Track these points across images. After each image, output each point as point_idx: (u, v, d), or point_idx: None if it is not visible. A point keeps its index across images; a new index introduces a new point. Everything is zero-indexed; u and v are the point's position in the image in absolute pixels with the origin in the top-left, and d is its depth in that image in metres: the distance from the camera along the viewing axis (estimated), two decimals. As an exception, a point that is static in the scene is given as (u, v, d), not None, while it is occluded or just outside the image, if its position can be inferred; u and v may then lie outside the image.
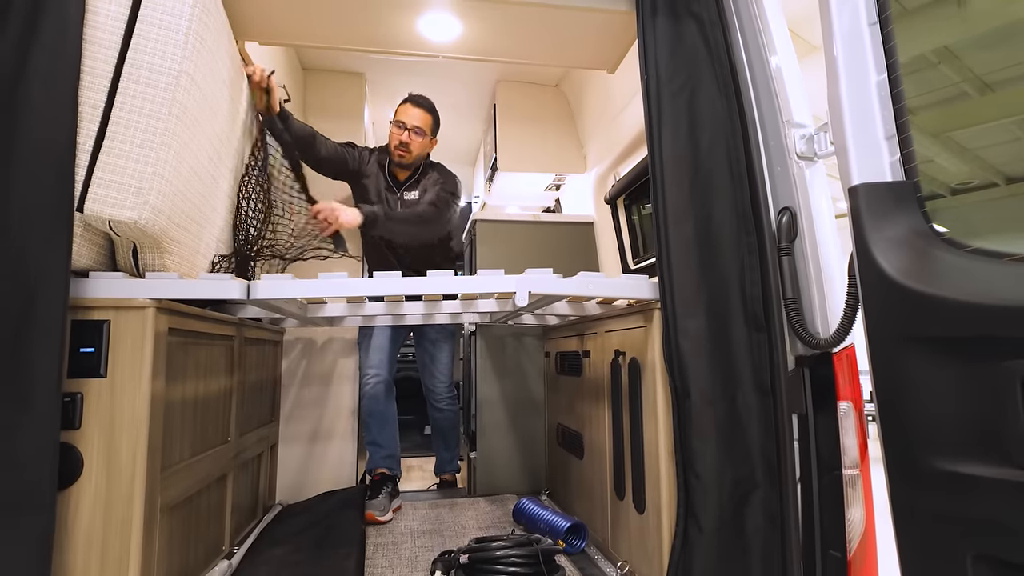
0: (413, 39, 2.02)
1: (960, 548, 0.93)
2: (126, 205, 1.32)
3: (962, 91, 1.76)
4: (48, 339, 1.14)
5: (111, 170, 1.32)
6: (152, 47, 1.39)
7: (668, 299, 1.43)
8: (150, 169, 1.34)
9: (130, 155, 1.34)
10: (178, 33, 1.41)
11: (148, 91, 1.37)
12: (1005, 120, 1.80)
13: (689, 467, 1.38)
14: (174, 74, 1.39)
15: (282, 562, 1.73)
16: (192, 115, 1.48)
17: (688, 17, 1.55)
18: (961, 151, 1.76)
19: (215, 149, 1.69)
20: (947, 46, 1.68)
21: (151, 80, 1.38)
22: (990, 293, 0.91)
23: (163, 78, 1.39)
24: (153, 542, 1.33)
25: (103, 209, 1.31)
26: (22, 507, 1.10)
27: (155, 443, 1.33)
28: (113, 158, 1.33)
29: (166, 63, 1.39)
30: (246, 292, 1.39)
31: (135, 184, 1.33)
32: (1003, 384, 0.88)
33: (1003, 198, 1.69)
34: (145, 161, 1.34)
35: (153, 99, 1.37)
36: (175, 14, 1.41)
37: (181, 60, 1.40)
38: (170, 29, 1.41)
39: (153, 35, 1.39)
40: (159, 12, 1.39)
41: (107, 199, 1.31)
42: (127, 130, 1.35)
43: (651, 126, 1.52)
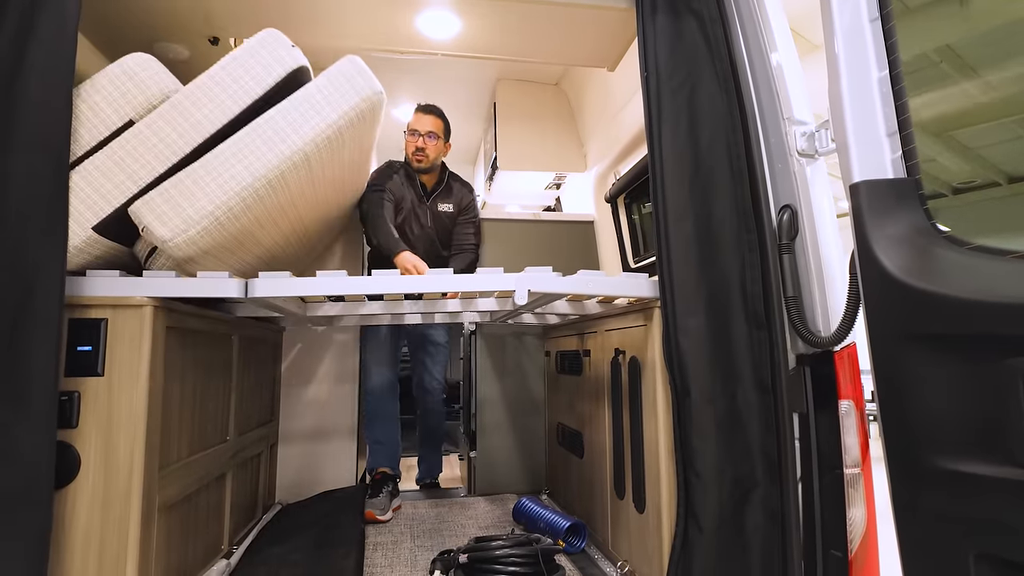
0: (412, 37, 2.02)
1: (962, 547, 0.92)
2: (167, 223, 1.34)
3: (963, 89, 1.75)
4: (44, 336, 1.13)
5: (180, 190, 1.36)
6: (293, 117, 1.41)
7: (668, 297, 1.42)
8: (211, 210, 1.35)
9: (205, 189, 1.36)
10: (323, 120, 1.43)
11: (262, 148, 1.38)
12: (1006, 119, 1.79)
13: (689, 466, 1.37)
14: (296, 150, 1.41)
15: (281, 561, 1.72)
16: (293, 191, 1.50)
17: (688, 14, 1.54)
18: (962, 150, 1.76)
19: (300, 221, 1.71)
20: (948, 44, 1.67)
21: (272, 140, 1.39)
22: (992, 290, 0.90)
23: (284, 147, 1.40)
24: (151, 541, 1.33)
25: (146, 214, 1.34)
26: (19, 505, 1.09)
27: (153, 442, 1.32)
28: (190, 182, 1.36)
29: (296, 137, 1.41)
30: (244, 290, 1.39)
31: (189, 214, 1.34)
32: (1005, 382, 0.87)
33: (1005, 197, 1.68)
34: (213, 202, 1.35)
35: (261, 157, 1.38)
36: (332, 105, 1.44)
37: (311, 143, 1.42)
38: (319, 112, 1.43)
39: (300, 108, 1.42)
40: (320, 93, 1.43)
41: (157, 209, 1.34)
42: (220, 167, 1.37)
43: (651, 123, 1.51)
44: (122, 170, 1.37)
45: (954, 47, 1.72)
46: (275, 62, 1.46)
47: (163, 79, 1.45)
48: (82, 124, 1.36)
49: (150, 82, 1.42)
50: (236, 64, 1.44)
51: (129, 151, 1.37)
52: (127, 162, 1.37)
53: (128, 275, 1.35)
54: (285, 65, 1.46)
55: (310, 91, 1.44)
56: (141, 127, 1.39)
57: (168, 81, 1.45)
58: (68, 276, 1.28)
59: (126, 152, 1.37)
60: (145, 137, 1.38)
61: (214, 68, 1.43)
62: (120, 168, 1.37)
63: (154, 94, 1.42)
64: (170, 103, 1.41)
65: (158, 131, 1.39)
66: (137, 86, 1.41)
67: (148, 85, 1.42)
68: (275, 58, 1.46)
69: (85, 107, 1.36)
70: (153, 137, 1.38)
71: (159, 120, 1.39)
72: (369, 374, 2.67)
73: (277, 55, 1.46)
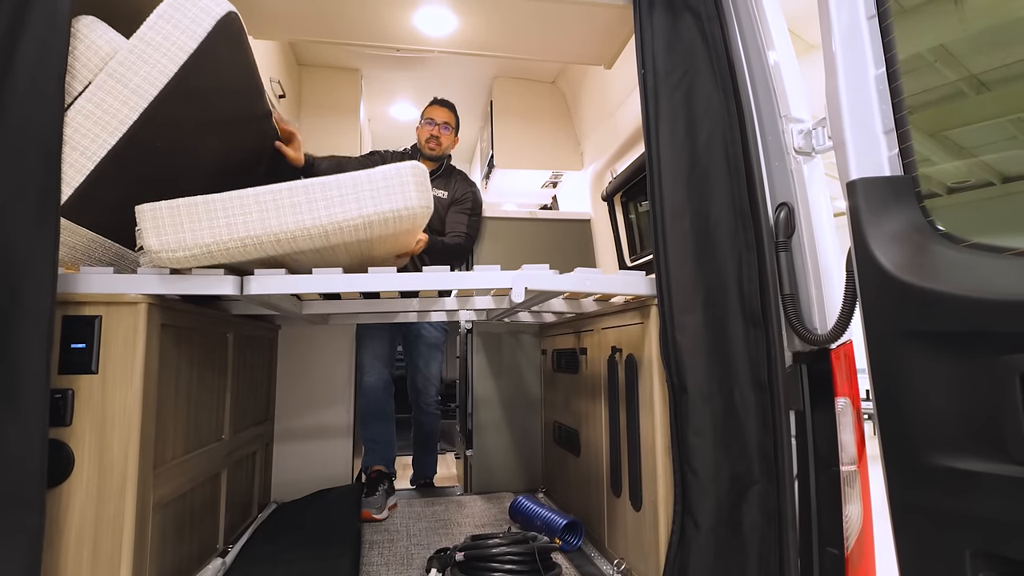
0: (409, 33, 2.01)
1: (958, 544, 0.92)
2: (160, 236, 1.31)
3: (958, 89, 1.76)
4: (35, 332, 1.12)
5: (190, 213, 1.33)
6: (336, 197, 1.38)
7: (665, 295, 1.42)
8: (208, 243, 1.32)
9: (213, 223, 1.33)
10: (357, 211, 1.38)
11: (287, 212, 1.36)
12: (1000, 119, 1.80)
13: (686, 463, 1.37)
14: (318, 227, 1.37)
15: (277, 560, 1.72)
16: (309, 255, 1.48)
17: (685, 11, 1.54)
18: (956, 149, 1.76)
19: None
20: (943, 44, 1.67)
21: (299, 209, 1.36)
22: (989, 288, 0.90)
23: (309, 219, 1.36)
24: (145, 539, 1.32)
25: (147, 220, 1.32)
26: (11, 504, 1.08)
27: (147, 440, 1.31)
28: (203, 209, 1.33)
29: (324, 215, 1.37)
30: (239, 288, 1.38)
31: (185, 238, 1.31)
32: (1002, 379, 0.87)
33: (1000, 196, 1.69)
34: (213, 237, 1.32)
35: (282, 219, 1.35)
36: (376, 199, 1.40)
37: (333, 227, 1.38)
38: (359, 203, 1.39)
39: (344, 191, 1.38)
40: (369, 186, 1.39)
41: (159, 219, 1.32)
42: (238, 212, 1.34)
43: (648, 121, 1.51)
44: (74, 149, 1.32)
45: (948, 47, 1.72)
46: (202, 12, 1.41)
47: (112, 36, 1.39)
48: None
49: (100, 40, 1.36)
50: (163, 21, 1.38)
51: (76, 128, 1.32)
52: (76, 139, 1.32)
53: (122, 272, 1.34)
54: (212, 14, 1.41)
55: (371, 178, 1.40)
56: (83, 103, 1.34)
57: (119, 40, 1.40)
58: (62, 273, 1.27)
59: (74, 130, 1.32)
60: (89, 112, 1.33)
61: (142, 29, 1.38)
62: (72, 147, 1.32)
63: (107, 52, 1.37)
64: (106, 72, 1.35)
65: (100, 103, 1.33)
66: (89, 47, 1.36)
67: (99, 44, 1.36)
68: (201, 8, 1.41)
69: None
70: (97, 110, 1.33)
71: (99, 92, 1.34)
72: (364, 373, 2.66)
73: (203, 4, 1.41)
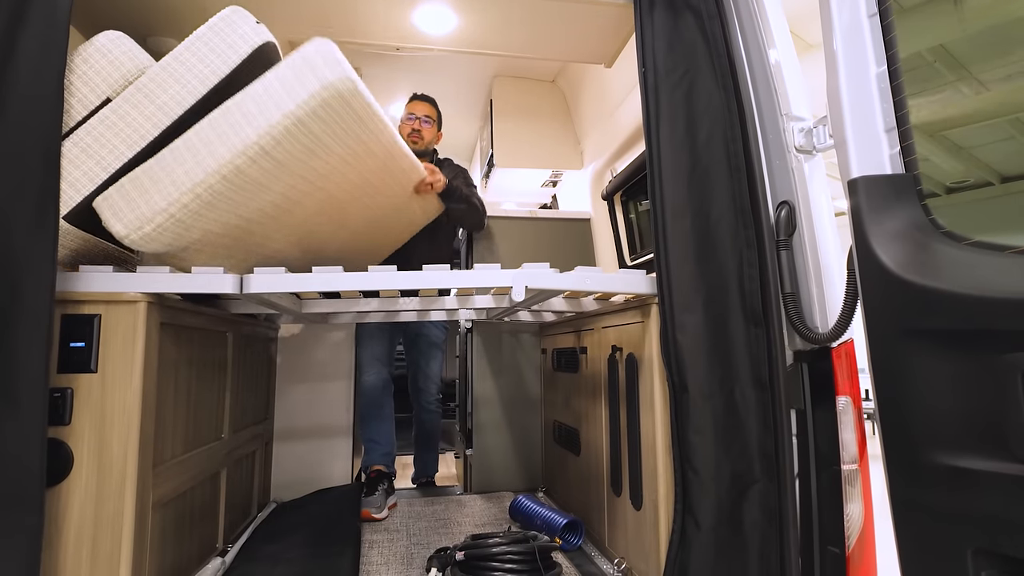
0: (409, 32, 2.01)
1: (960, 543, 0.92)
2: (122, 219, 1.32)
3: (956, 89, 1.76)
4: (34, 331, 1.11)
5: (136, 185, 1.32)
6: (248, 108, 1.32)
7: (666, 294, 1.42)
8: (165, 207, 1.32)
9: (159, 185, 1.32)
10: (278, 111, 1.33)
11: (214, 142, 1.31)
12: (999, 119, 1.80)
13: (687, 462, 1.37)
14: (250, 143, 1.32)
15: (277, 559, 1.71)
16: (276, 190, 1.44)
17: (686, 10, 1.53)
18: (955, 149, 1.76)
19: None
20: (942, 44, 1.67)
21: (225, 133, 1.31)
22: (991, 286, 0.90)
23: (236, 140, 1.31)
24: (144, 539, 1.31)
25: (104, 210, 1.33)
26: (10, 504, 1.08)
27: (147, 439, 1.31)
28: (145, 178, 1.32)
29: (250, 129, 1.31)
30: (239, 286, 1.38)
31: (143, 211, 1.32)
32: (1004, 377, 0.87)
33: (998, 196, 1.69)
34: (167, 199, 1.32)
35: (213, 151, 1.31)
36: (290, 93, 1.33)
37: (266, 135, 1.32)
38: (276, 102, 1.33)
39: (258, 98, 1.32)
40: (278, 82, 1.34)
41: (114, 204, 1.33)
42: (173, 162, 1.33)
43: (649, 120, 1.51)
44: (90, 157, 1.34)
45: (947, 47, 1.73)
46: (240, 39, 1.42)
47: (137, 55, 1.41)
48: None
49: (124, 58, 1.39)
50: (200, 43, 1.40)
51: (96, 137, 1.34)
52: (94, 148, 1.34)
53: (121, 270, 1.33)
54: (250, 42, 1.42)
55: (269, 79, 1.36)
56: (107, 112, 1.35)
57: (142, 56, 1.41)
58: (61, 272, 1.27)
59: (93, 139, 1.34)
60: (112, 123, 1.35)
61: (178, 48, 1.40)
62: (88, 155, 1.33)
63: (129, 70, 1.38)
64: (135, 87, 1.37)
65: (124, 116, 1.35)
66: (111, 63, 1.37)
67: (122, 61, 1.38)
68: (239, 35, 1.42)
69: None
70: (120, 122, 1.35)
71: (125, 104, 1.36)
72: (364, 372, 2.66)
73: (242, 32, 1.42)
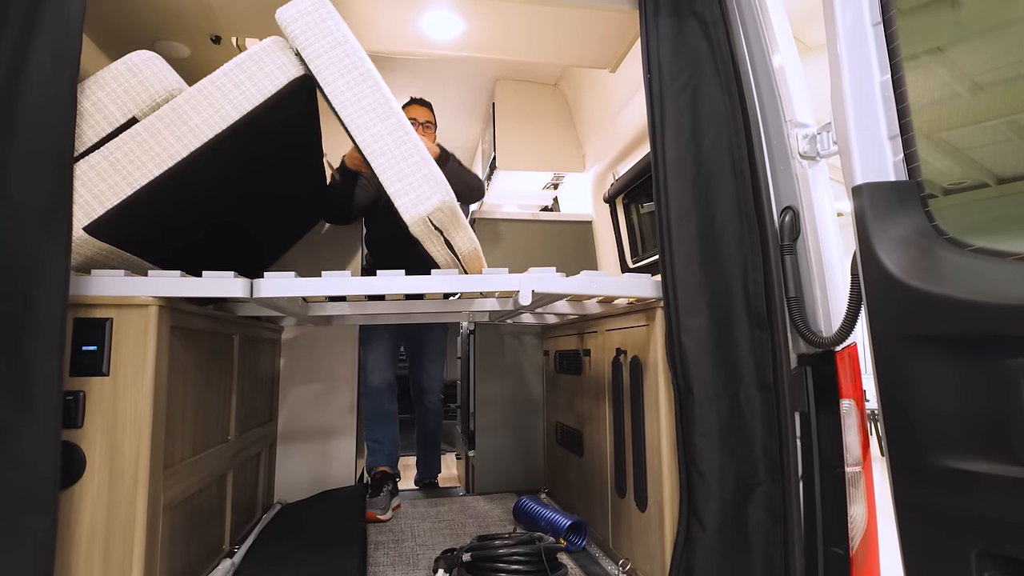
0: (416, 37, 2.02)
1: (964, 544, 0.94)
2: (428, 195, 1.41)
3: (953, 91, 1.77)
4: (48, 336, 1.13)
5: (400, 177, 1.42)
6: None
7: (671, 297, 1.44)
8: (425, 164, 1.43)
9: (407, 161, 1.42)
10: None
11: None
12: (995, 121, 1.81)
13: (692, 464, 1.38)
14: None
15: (285, 560, 1.72)
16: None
17: (691, 16, 1.55)
18: (952, 151, 1.77)
19: None
20: (939, 47, 1.69)
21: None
22: (994, 291, 0.92)
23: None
24: (156, 541, 1.32)
25: (416, 209, 1.40)
26: (24, 506, 1.09)
27: (158, 441, 1.32)
28: (397, 166, 1.42)
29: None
30: (249, 290, 1.39)
31: (418, 177, 1.41)
32: (1007, 381, 0.89)
33: (995, 198, 1.70)
34: (418, 162, 1.43)
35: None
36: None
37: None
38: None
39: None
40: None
41: (413, 201, 1.41)
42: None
43: (654, 124, 1.53)
44: (117, 171, 1.36)
45: (944, 49, 1.74)
46: (278, 70, 1.45)
47: (167, 76, 1.44)
48: (85, 121, 1.35)
49: (154, 79, 1.41)
50: (239, 70, 1.43)
51: (126, 152, 1.36)
52: (123, 163, 1.36)
53: (132, 274, 1.34)
54: (288, 73, 1.46)
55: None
56: (139, 129, 1.38)
57: (172, 78, 1.44)
58: (73, 276, 1.28)
59: (123, 154, 1.36)
60: (143, 140, 1.37)
61: (217, 73, 1.43)
62: (116, 170, 1.36)
63: (158, 91, 1.41)
64: (170, 106, 1.40)
65: (156, 134, 1.37)
66: (141, 83, 1.40)
67: (152, 82, 1.41)
68: (278, 66, 1.45)
69: (89, 104, 1.36)
70: (151, 140, 1.37)
71: (158, 123, 1.38)
72: (369, 373, 2.68)
73: (281, 62, 1.45)
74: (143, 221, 1.45)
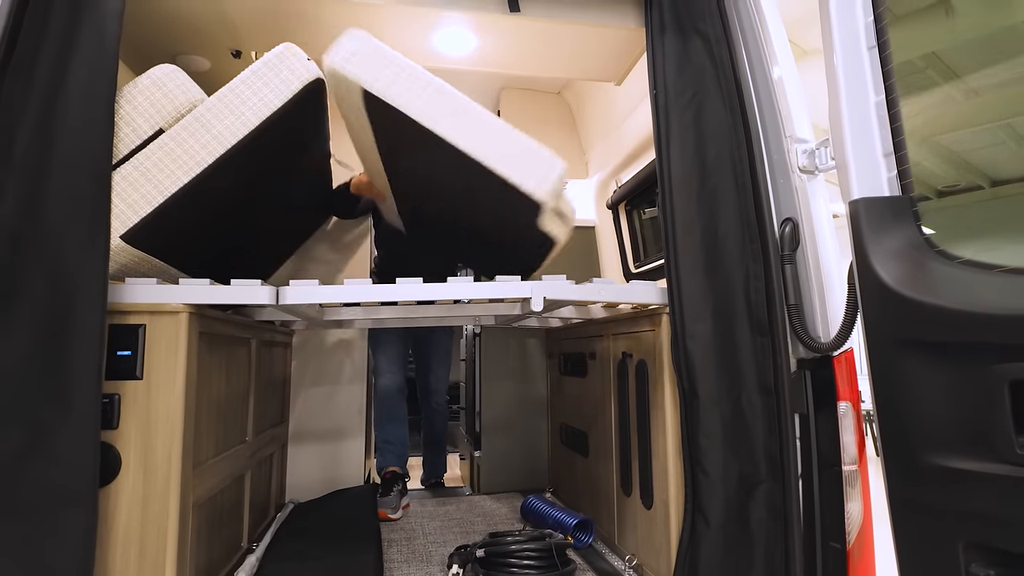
0: (429, 53, 2.09)
1: (952, 537, 1.00)
2: (549, 170, 1.53)
3: (947, 95, 1.83)
4: (88, 343, 1.19)
5: (518, 167, 1.52)
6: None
7: (676, 304, 1.50)
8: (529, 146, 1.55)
9: (515, 149, 1.55)
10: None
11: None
12: (989, 124, 1.88)
13: (697, 464, 1.45)
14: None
15: (303, 556, 1.79)
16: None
17: (695, 35, 1.62)
18: (947, 154, 1.84)
19: None
20: (934, 51, 1.75)
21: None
22: (981, 302, 0.99)
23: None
24: (187, 537, 1.39)
25: (543, 186, 1.52)
26: (67, 503, 1.15)
27: (188, 442, 1.38)
28: (511, 160, 1.53)
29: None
30: (275, 297, 1.45)
31: (532, 159, 1.52)
32: (993, 386, 0.95)
33: (987, 200, 1.76)
34: (524, 147, 1.56)
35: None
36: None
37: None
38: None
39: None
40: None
41: (539, 181, 1.52)
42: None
43: (660, 139, 1.59)
44: (148, 180, 1.42)
45: (939, 54, 1.79)
46: (292, 76, 1.51)
47: (190, 88, 1.50)
48: (115, 134, 1.41)
49: (177, 91, 1.48)
50: (255, 77, 1.49)
51: (155, 162, 1.42)
52: (153, 172, 1.42)
53: (164, 282, 1.41)
54: (301, 78, 1.52)
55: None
56: (166, 139, 1.44)
57: (194, 90, 1.50)
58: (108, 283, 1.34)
59: (152, 163, 1.42)
60: (170, 149, 1.43)
61: (235, 81, 1.49)
62: (147, 179, 1.42)
63: (182, 103, 1.47)
64: (194, 115, 1.46)
65: (182, 143, 1.44)
66: (165, 95, 1.47)
67: (176, 95, 1.47)
68: (292, 71, 1.51)
69: (117, 117, 1.41)
70: (178, 148, 1.43)
71: (183, 132, 1.44)
72: (381, 375, 2.74)
73: (294, 68, 1.52)
74: (173, 227, 1.51)
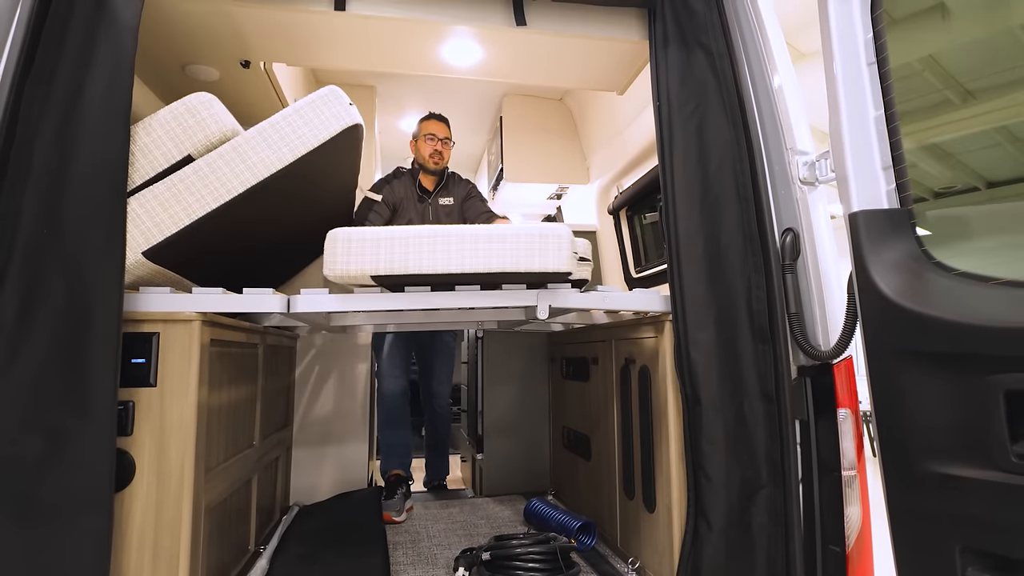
0: (436, 63, 2.12)
1: (948, 541, 1.03)
2: (560, 251, 1.51)
3: (945, 97, 1.86)
4: (105, 351, 1.22)
5: (530, 255, 1.49)
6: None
7: (679, 312, 1.53)
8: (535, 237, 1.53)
9: (527, 247, 1.51)
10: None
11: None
12: (985, 126, 1.91)
13: (699, 469, 1.48)
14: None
15: (312, 559, 1.81)
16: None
17: (697, 48, 1.65)
18: (943, 155, 1.86)
19: None
20: (931, 55, 1.77)
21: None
22: (977, 314, 1.02)
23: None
24: (199, 541, 1.41)
25: (562, 261, 1.49)
26: (84, 507, 1.18)
27: (201, 448, 1.41)
28: (521, 258, 1.49)
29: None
30: (287, 306, 1.48)
31: (540, 247, 1.50)
32: (988, 395, 0.98)
33: (984, 201, 1.79)
34: (531, 240, 1.51)
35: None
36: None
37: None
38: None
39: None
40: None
41: (556, 258, 1.50)
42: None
43: (663, 149, 1.62)
44: (179, 202, 1.43)
45: (936, 57, 1.82)
46: (333, 118, 1.54)
47: (223, 118, 1.50)
48: (144, 155, 1.43)
49: (210, 120, 1.48)
50: (297, 116, 1.52)
51: (188, 185, 1.44)
52: (184, 195, 1.44)
53: (177, 291, 1.43)
54: (342, 121, 1.55)
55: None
56: (201, 164, 1.45)
57: (228, 120, 1.51)
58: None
59: (185, 186, 1.44)
60: (204, 174, 1.45)
61: (276, 117, 1.51)
62: (177, 200, 1.43)
63: (213, 132, 1.48)
64: (231, 145, 1.47)
65: (216, 170, 1.45)
66: (198, 123, 1.47)
67: (208, 123, 1.48)
68: (333, 114, 1.54)
69: (148, 139, 1.43)
70: (211, 175, 1.45)
71: (219, 160, 1.46)
72: (385, 379, 2.77)
73: (335, 111, 1.54)
74: (194, 247, 1.53)
